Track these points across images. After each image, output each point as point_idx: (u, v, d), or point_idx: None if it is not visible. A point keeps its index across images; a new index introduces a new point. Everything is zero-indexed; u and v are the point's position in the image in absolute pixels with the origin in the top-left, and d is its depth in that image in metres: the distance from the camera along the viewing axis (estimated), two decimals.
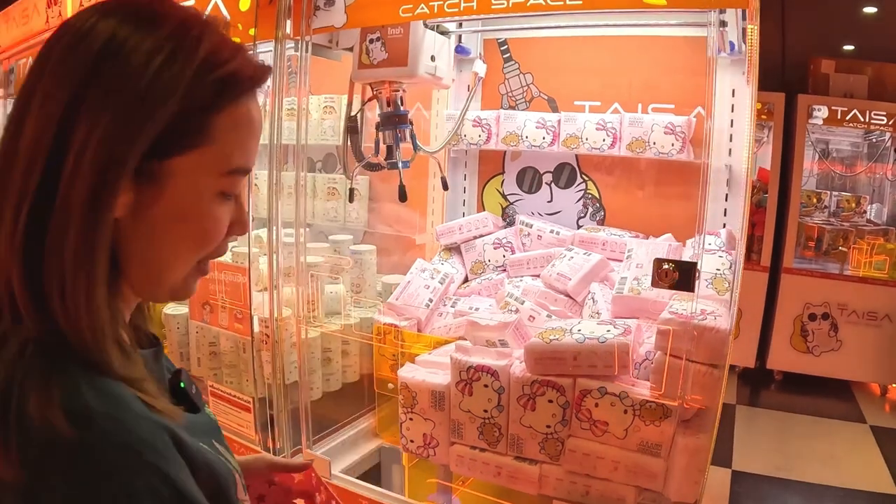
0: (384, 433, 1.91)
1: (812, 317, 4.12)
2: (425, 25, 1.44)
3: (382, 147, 1.57)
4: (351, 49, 1.59)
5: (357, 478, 1.76)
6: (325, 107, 2.40)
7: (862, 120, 4.05)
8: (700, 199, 1.10)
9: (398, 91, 1.50)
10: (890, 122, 4.03)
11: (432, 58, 1.47)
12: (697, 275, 1.05)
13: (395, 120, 1.51)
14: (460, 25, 1.97)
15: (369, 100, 1.55)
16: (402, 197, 1.55)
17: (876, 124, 4.06)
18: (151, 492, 0.44)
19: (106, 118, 0.48)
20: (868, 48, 4.31)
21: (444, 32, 1.51)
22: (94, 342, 0.48)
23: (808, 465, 3.25)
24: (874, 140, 4.42)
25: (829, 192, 4.61)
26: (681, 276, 1.05)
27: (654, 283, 1.06)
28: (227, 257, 2.05)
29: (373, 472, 1.91)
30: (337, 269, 2.08)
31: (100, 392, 0.46)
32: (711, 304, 1.21)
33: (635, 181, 1.95)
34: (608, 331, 1.20)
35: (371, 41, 1.46)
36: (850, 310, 4.06)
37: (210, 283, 1.85)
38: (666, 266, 1.05)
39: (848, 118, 4.05)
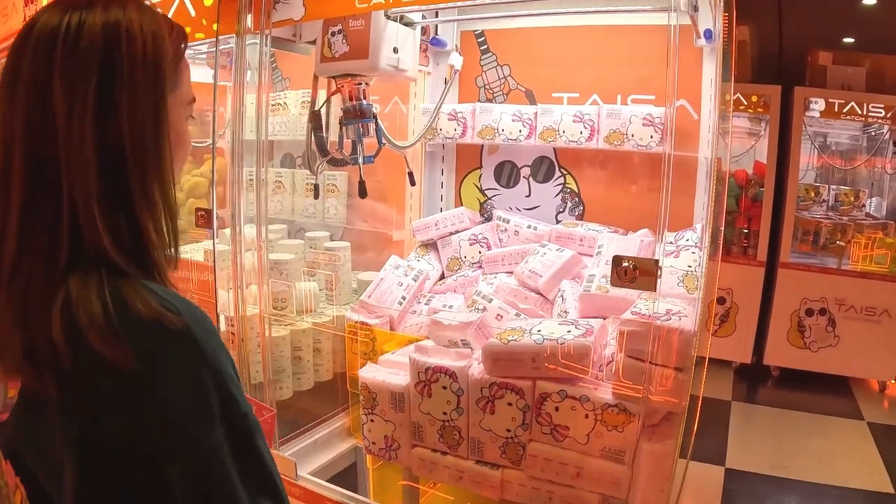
0: (358, 433, 1.87)
1: (809, 312, 4.05)
2: (387, 17, 1.38)
3: (347, 142, 1.52)
4: (314, 42, 1.54)
5: (330, 478, 1.72)
6: (304, 102, 2.36)
7: (860, 113, 3.96)
8: (663, 190, 1.05)
9: (360, 85, 1.46)
10: (888, 115, 3.94)
11: (395, 50, 1.41)
12: (659, 273, 1.00)
13: (357, 114, 1.46)
14: (437, 15, 1.91)
15: (332, 94, 1.50)
16: (362, 193, 1.50)
17: (874, 117, 3.97)
18: (227, 356, 0.62)
19: (140, 86, 0.61)
20: (866, 40, 4.22)
21: (409, 24, 1.46)
22: (164, 258, 0.63)
23: (805, 463, 3.19)
24: (873, 133, 4.34)
25: (827, 186, 4.53)
26: (641, 274, 1.00)
27: (614, 283, 1.01)
28: (198, 255, 2.02)
29: (348, 472, 1.87)
30: (314, 265, 2.04)
31: (168, 294, 0.60)
32: (679, 304, 1.16)
33: (614, 174, 1.90)
34: (569, 331, 1.15)
35: (333, 34, 1.41)
36: (847, 305, 3.99)
37: (178, 281, 1.81)
38: (625, 264, 1.00)
39: (845, 111, 3.97)
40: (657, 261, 1.01)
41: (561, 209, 1.97)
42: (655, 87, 1.82)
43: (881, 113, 3.95)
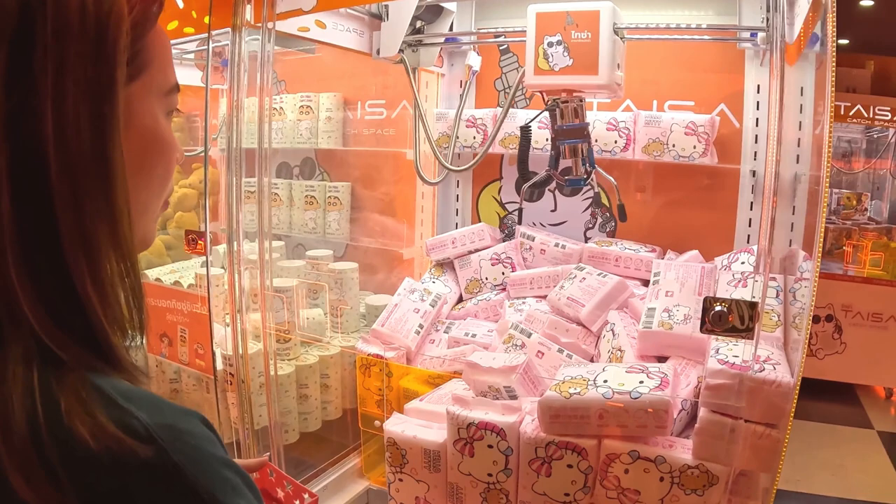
0: (371, 473, 1.69)
1: (815, 319, 3.97)
2: (615, 32, 1.25)
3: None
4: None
5: None
6: (302, 106, 2.17)
7: (866, 115, 3.90)
8: (766, 215, 0.88)
9: (583, 101, 1.34)
10: (894, 118, 3.88)
11: (618, 65, 1.29)
12: (758, 317, 0.84)
13: (581, 133, 1.35)
14: None
15: (546, 109, 1.38)
16: (623, 217, 1.47)
17: (880, 120, 3.91)
18: (239, 482, 0.43)
19: (72, 67, 0.40)
20: (870, 42, 4.16)
21: (623, 37, 1.32)
22: (117, 329, 0.43)
23: (813, 474, 3.08)
24: (875, 136, 4.29)
25: (829, 190, 4.47)
26: (739, 319, 0.83)
27: (707, 331, 0.84)
28: (188, 280, 1.81)
29: None
30: (317, 289, 1.84)
31: (132, 397, 0.41)
32: (765, 348, 1.00)
33: (651, 188, 1.74)
34: (641, 382, 0.98)
35: (550, 45, 1.26)
36: (854, 311, 3.92)
37: (167, 311, 1.60)
38: (719, 308, 0.83)
39: (851, 114, 3.90)
40: (757, 303, 0.85)
41: (591, 225, 1.80)
42: (695, 93, 1.67)
43: (887, 116, 3.88)
